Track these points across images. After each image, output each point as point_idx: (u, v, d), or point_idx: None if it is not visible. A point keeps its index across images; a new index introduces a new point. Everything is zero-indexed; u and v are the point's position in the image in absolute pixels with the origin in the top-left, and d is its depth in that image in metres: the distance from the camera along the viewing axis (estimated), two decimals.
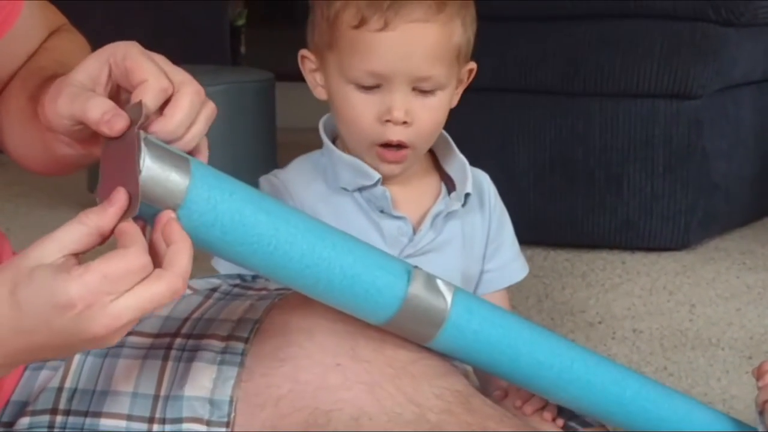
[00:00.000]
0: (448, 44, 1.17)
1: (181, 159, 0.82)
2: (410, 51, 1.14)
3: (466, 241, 1.27)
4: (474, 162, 1.34)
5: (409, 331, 0.90)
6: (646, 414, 1.05)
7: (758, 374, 1.30)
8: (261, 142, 3.22)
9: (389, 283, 0.87)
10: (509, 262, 1.32)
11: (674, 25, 2.54)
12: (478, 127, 2.70)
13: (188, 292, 1.03)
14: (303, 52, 1.23)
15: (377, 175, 1.20)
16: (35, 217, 3.12)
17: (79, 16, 1.03)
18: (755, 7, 2.56)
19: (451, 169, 1.27)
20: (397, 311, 0.87)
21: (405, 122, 1.17)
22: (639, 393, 1.05)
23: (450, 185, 1.27)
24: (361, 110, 1.16)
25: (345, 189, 1.21)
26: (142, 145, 0.80)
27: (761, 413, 1.28)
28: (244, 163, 2.86)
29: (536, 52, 2.64)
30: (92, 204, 1.09)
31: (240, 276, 1.06)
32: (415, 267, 0.88)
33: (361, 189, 1.21)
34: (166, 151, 0.81)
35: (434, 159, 1.28)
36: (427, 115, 1.18)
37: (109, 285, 0.75)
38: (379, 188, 1.20)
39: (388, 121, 1.16)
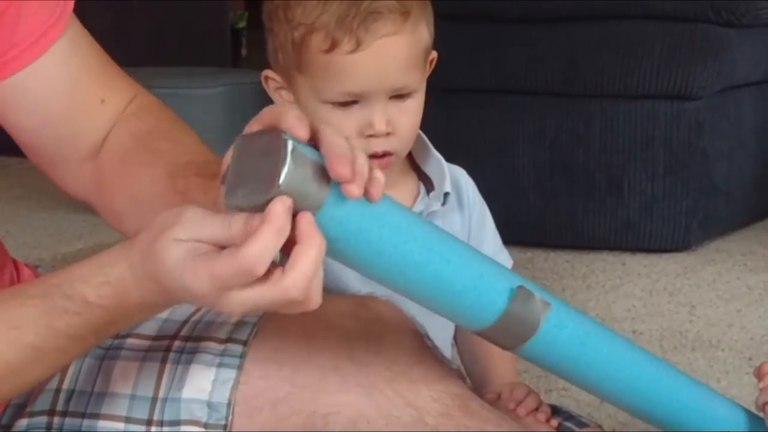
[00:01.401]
0: (417, 50, 1.17)
1: (323, 170, 0.77)
2: (384, 66, 1.14)
3: None
4: (474, 163, 1.34)
5: (498, 341, 0.92)
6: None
7: (759, 375, 1.30)
8: None
9: (490, 300, 0.88)
10: (492, 256, 1.32)
11: (675, 26, 2.54)
12: (479, 128, 2.70)
13: None
14: (267, 73, 1.22)
15: None
16: (35, 220, 3.13)
17: (81, 17, 1.03)
18: (756, 8, 2.56)
19: (429, 169, 1.27)
20: (490, 326, 0.89)
21: (388, 133, 1.17)
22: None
23: (428, 185, 1.26)
24: (341, 128, 1.14)
25: None
26: (288, 154, 0.76)
27: (762, 414, 1.28)
28: None
29: (536, 53, 2.65)
30: (90, 207, 1.09)
31: None
32: (520, 286, 0.89)
33: None
34: (309, 159, 0.77)
35: (411, 159, 1.28)
36: (406, 120, 1.18)
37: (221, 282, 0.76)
38: None
39: (370, 135, 1.16)
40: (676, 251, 2.62)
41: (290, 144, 0.76)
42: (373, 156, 1.17)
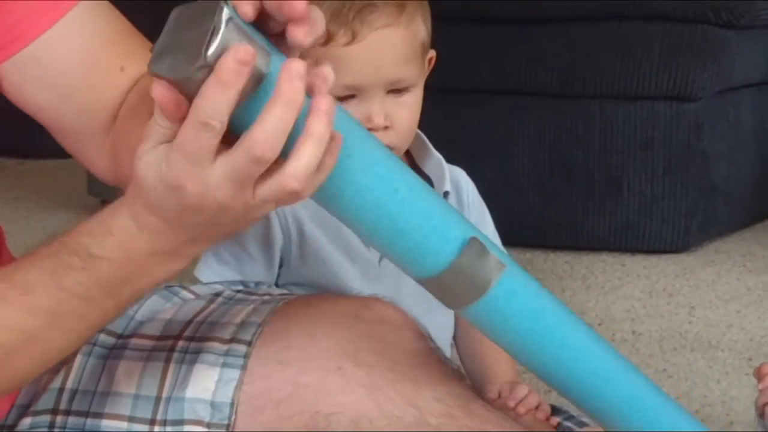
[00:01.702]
0: (414, 43, 1.18)
1: (263, 50, 0.72)
2: (381, 59, 1.15)
3: None
4: (473, 164, 1.34)
5: (441, 295, 0.84)
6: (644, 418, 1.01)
7: (758, 376, 1.30)
8: None
9: (437, 247, 0.81)
10: None
11: (674, 27, 2.54)
12: (478, 129, 2.70)
13: (190, 296, 1.04)
14: None
15: None
16: (34, 221, 3.12)
17: None
18: (755, 9, 2.56)
19: (428, 168, 1.27)
20: (433, 276, 0.81)
21: (386, 127, 1.17)
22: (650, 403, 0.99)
23: (427, 182, 1.27)
24: None
25: None
26: (222, 22, 0.70)
27: (761, 416, 1.28)
28: None
29: (536, 54, 2.65)
30: (91, 208, 1.08)
31: (242, 282, 1.06)
32: (473, 237, 0.81)
33: None
34: (246, 31, 0.71)
35: (410, 159, 1.28)
36: (404, 115, 1.19)
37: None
38: None
39: (369, 129, 1.16)
40: (676, 252, 2.62)
41: (225, 11, 0.70)
42: None
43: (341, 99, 1.16)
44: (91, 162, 1.04)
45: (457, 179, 1.31)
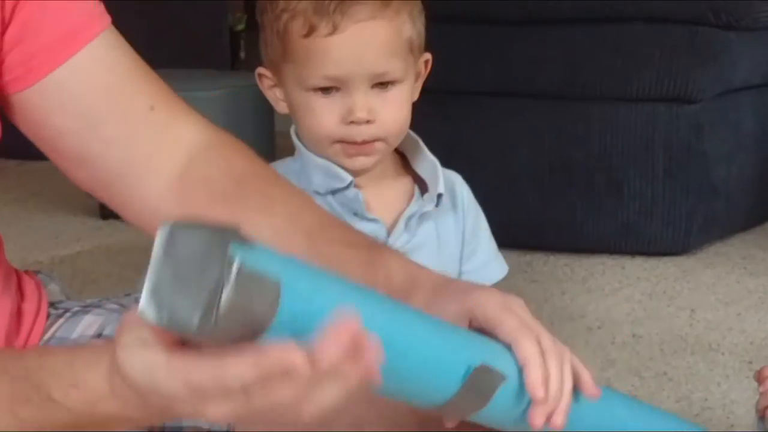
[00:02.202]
0: (398, 38, 1.18)
1: (274, 286, 0.63)
2: (362, 50, 1.16)
3: (441, 243, 1.27)
4: (474, 165, 1.34)
5: (454, 413, 0.82)
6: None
7: (759, 379, 1.30)
8: (259, 146, 3.19)
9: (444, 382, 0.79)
10: (487, 262, 1.32)
11: (674, 29, 2.54)
12: (479, 130, 2.70)
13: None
14: (260, 70, 1.25)
15: (349, 177, 1.21)
16: (33, 222, 3.12)
17: None
18: (755, 12, 2.56)
19: (422, 171, 1.27)
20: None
21: (368, 121, 1.18)
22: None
23: (422, 187, 1.27)
24: (324, 114, 1.18)
25: (318, 192, 1.21)
26: (233, 273, 0.60)
27: (761, 418, 1.28)
28: None
29: (536, 56, 2.65)
30: (90, 209, 1.08)
31: None
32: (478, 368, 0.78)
33: (333, 192, 1.22)
34: (258, 276, 0.62)
35: (405, 161, 1.29)
36: (389, 110, 1.19)
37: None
38: (352, 191, 1.21)
39: (352, 122, 1.18)
40: (676, 254, 2.62)
41: (237, 263, 0.60)
42: (352, 143, 1.19)
43: (325, 91, 1.18)
44: (119, 204, 1.00)
45: (452, 183, 1.31)
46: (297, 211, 0.96)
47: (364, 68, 1.17)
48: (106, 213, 3.10)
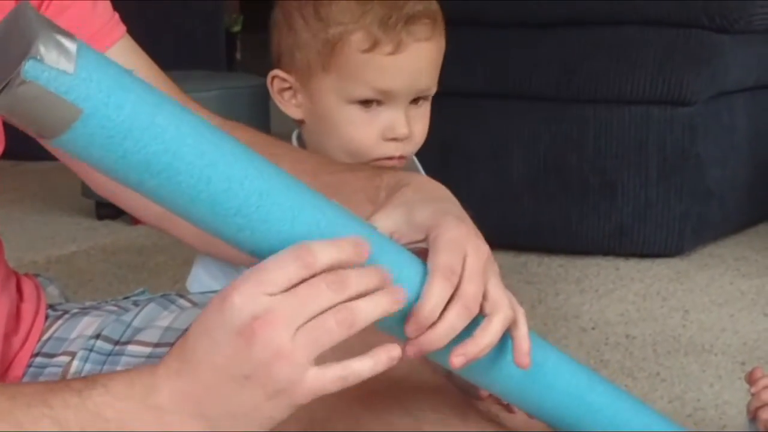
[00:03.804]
0: (440, 57, 1.22)
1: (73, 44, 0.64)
2: (418, 69, 1.17)
3: None
4: (469, 167, 1.34)
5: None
6: None
7: (750, 380, 1.31)
8: None
9: None
10: None
11: (668, 31, 2.55)
12: (473, 133, 2.70)
13: (188, 305, 1.04)
14: (277, 73, 1.21)
15: None
16: (29, 223, 3.12)
17: None
18: (749, 14, 2.57)
19: None
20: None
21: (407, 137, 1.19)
22: None
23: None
24: (364, 129, 1.17)
25: None
26: (30, 13, 0.63)
27: (753, 420, 1.29)
28: None
29: (531, 58, 2.65)
30: (86, 209, 1.09)
31: None
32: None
33: None
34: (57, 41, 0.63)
35: None
36: (421, 125, 1.21)
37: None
38: None
39: (393, 138, 1.18)
40: (670, 256, 2.63)
41: (33, 17, 0.63)
42: (389, 158, 1.19)
43: (366, 106, 1.17)
44: (133, 207, 1.04)
45: None
46: (299, 160, 0.98)
47: (415, 85, 1.18)
48: (101, 214, 3.11)
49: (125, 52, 1.01)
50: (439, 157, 1.32)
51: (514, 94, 2.68)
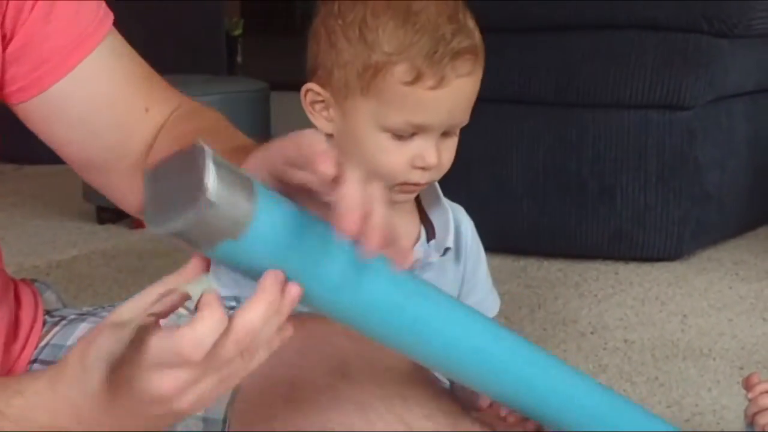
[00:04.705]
0: (476, 91, 1.18)
1: (247, 180, 0.73)
2: (457, 105, 1.15)
3: (438, 286, 1.25)
4: (468, 172, 1.33)
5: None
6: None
7: (747, 386, 1.31)
8: None
9: None
10: (482, 300, 1.30)
11: (667, 36, 2.56)
12: (472, 137, 2.68)
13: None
14: (312, 86, 1.19)
15: None
16: (30, 227, 3.13)
17: None
18: (748, 19, 2.57)
19: (433, 215, 1.25)
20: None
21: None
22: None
23: (430, 231, 1.24)
24: (394, 157, 1.15)
25: None
26: (210, 163, 0.70)
27: (751, 425, 1.29)
28: None
29: (529, 62, 2.66)
30: (87, 213, 1.10)
31: (236, 298, 1.06)
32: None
33: None
34: (232, 167, 0.72)
35: (417, 201, 1.26)
36: (448, 156, 1.18)
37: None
38: None
39: (422, 167, 1.16)
40: (669, 260, 2.63)
41: (207, 150, 0.70)
42: (414, 184, 1.17)
43: (401, 136, 1.16)
44: (119, 197, 1.07)
45: (458, 223, 1.27)
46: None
47: (452, 121, 1.16)
48: (102, 218, 3.11)
49: (108, 54, 1.01)
50: None
51: (513, 98, 2.69)
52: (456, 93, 1.14)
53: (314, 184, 0.76)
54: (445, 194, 1.27)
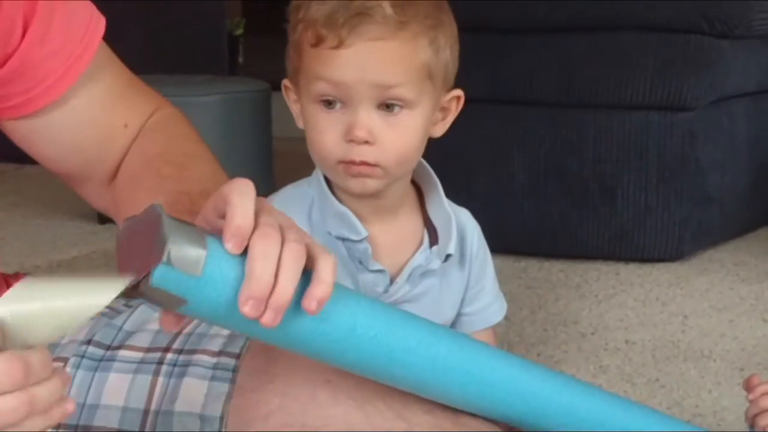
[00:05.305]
0: (411, 59, 1.14)
1: (201, 233, 0.78)
2: (367, 64, 1.13)
3: (443, 294, 1.24)
4: (469, 173, 1.33)
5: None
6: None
7: (748, 387, 1.31)
8: (257, 151, 3.23)
9: None
10: (488, 305, 1.29)
11: (668, 37, 2.55)
12: (473, 138, 2.71)
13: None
14: (285, 82, 1.22)
15: (365, 232, 1.17)
16: (30, 227, 3.13)
17: None
18: (749, 20, 2.57)
19: (436, 218, 1.23)
20: None
21: (367, 142, 1.14)
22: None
23: (432, 234, 1.22)
24: (326, 129, 1.15)
25: (329, 233, 1.18)
26: (164, 219, 0.77)
27: (751, 426, 1.29)
28: (240, 173, 2.86)
29: (531, 64, 2.66)
30: (88, 213, 1.12)
31: None
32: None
33: (344, 239, 1.18)
34: (186, 225, 0.78)
35: (422, 205, 1.24)
36: (392, 135, 1.14)
37: None
38: (364, 244, 1.17)
39: (351, 140, 1.14)
40: (669, 261, 2.63)
41: (159, 210, 0.77)
42: (350, 162, 1.15)
43: (329, 105, 1.15)
44: (93, 200, 1.12)
45: (462, 228, 1.26)
46: (175, 185, 1.00)
47: (367, 78, 1.12)
48: (103, 217, 3.11)
49: (95, 72, 1.04)
50: (439, 163, 1.29)
51: (514, 99, 2.69)
52: (363, 54, 1.12)
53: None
54: (446, 195, 1.25)
